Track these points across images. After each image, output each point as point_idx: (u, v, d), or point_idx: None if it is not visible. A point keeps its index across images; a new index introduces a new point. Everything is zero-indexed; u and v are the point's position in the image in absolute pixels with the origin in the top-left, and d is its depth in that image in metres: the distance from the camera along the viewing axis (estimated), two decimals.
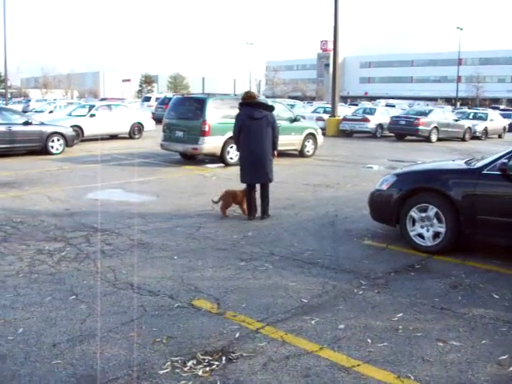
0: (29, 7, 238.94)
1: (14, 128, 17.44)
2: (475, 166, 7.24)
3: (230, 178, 13.07)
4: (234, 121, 9.28)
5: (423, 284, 6.02)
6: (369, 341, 4.56)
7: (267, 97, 61.65)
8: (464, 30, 76.50)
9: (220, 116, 15.71)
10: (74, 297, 5.47)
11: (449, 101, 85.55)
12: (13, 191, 11.40)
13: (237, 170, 15.01)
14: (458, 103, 79.00)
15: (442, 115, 30.12)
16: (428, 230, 7.23)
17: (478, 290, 5.87)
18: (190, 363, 4.13)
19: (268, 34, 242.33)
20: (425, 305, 5.40)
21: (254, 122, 8.98)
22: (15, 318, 4.92)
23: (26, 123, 17.90)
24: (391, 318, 5.06)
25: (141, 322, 4.85)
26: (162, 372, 4.00)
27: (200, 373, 3.99)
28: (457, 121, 30.28)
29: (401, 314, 5.13)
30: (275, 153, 9.37)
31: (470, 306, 5.37)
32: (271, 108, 9.29)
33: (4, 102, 47.02)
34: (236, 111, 9.45)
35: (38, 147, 18.13)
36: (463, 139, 29.67)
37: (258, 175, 9.09)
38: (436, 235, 7.16)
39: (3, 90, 57.27)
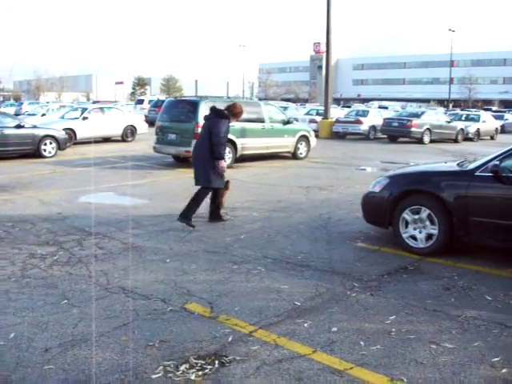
0: (21, 9, 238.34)
1: (6, 131, 17.41)
2: (467, 168, 7.25)
3: None
4: None
5: (416, 286, 6.02)
6: (362, 343, 4.56)
7: (260, 99, 61.66)
8: (456, 31, 76.77)
9: None
10: (66, 301, 5.44)
11: (441, 102, 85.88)
12: (5, 195, 11.35)
13: (230, 172, 14.99)
14: (451, 105, 79.30)
15: (435, 117, 30.24)
16: (421, 232, 7.24)
17: (470, 291, 5.87)
18: (182, 367, 4.11)
19: (261, 36, 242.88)
20: (417, 307, 5.40)
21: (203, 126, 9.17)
22: (6, 323, 4.89)
23: (19, 126, 17.86)
24: (384, 320, 5.05)
25: (133, 326, 4.82)
26: (154, 376, 3.99)
27: (193, 377, 3.98)
28: (449, 122, 30.38)
29: (394, 317, 5.12)
30: (217, 162, 8.57)
31: (462, 308, 5.37)
32: (222, 115, 8.81)
33: None
34: None
35: (31, 150, 18.09)
36: (456, 141, 29.80)
37: (195, 178, 8.92)
38: (429, 237, 7.17)
39: None
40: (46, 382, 3.89)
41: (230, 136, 16.03)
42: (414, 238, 7.30)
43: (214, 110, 8.93)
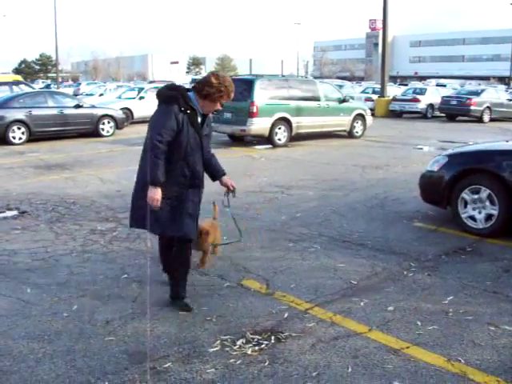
0: None
1: (66, 111, 17.84)
2: None
3: (278, 159, 13.08)
4: (281, 102, 9.03)
5: (474, 267, 5.92)
6: (418, 323, 4.52)
7: (315, 77, 61.04)
8: None
9: (268, 97, 15.70)
10: (125, 275, 5.59)
11: (502, 80, 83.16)
12: (65, 173, 11.67)
13: (285, 151, 15.01)
14: None
15: (495, 95, 29.36)
16: (480, 213, 7.09)
17: None
18: (239, 342, 4.17)
19: (316, 14, 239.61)
20: (476, 288, 5.31)
21: None
22: (70, 296, 5.06)
23: (78, 106, 18.27)
24: (441, 300, 5.00)
25: (191, 301, 4.91)
26: (211, 350, 4.06)
27: (249, 352, 4.03)
28: (511, 100, 29.46)
29: (451, 297, 5.06)
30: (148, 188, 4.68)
31: None
32: (163, 98, 5.01)
33: (56, 86, 47.96)
34: (284, 92, 9.25)
35: (89, 130, 18.49)
36: None
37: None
38: (488, 218, 7.01)
39: (55, 75, 58.44)
40: (108, 353, 4.01)
41: (285, 114, 16.10)
42: (473, 218, 7.15)
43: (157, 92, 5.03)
